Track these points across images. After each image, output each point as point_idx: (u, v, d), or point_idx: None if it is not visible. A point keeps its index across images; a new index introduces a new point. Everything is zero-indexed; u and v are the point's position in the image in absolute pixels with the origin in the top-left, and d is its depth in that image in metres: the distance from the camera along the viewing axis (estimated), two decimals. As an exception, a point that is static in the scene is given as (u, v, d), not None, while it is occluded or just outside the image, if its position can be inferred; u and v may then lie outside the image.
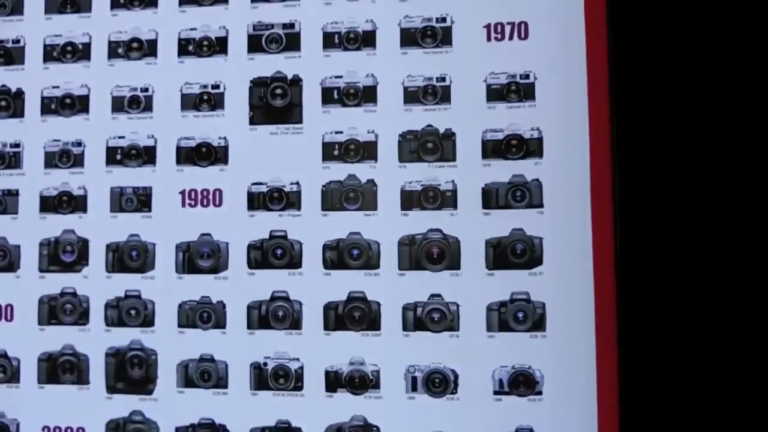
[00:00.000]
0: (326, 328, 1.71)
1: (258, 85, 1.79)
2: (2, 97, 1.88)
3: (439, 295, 1.68)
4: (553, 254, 1.65)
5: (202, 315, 1.75)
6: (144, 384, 1.77)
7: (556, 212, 1.65)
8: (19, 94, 1.88)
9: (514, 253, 1.65)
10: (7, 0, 1.89)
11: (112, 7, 1.88)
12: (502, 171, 1.69)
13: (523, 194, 1.67)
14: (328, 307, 1.71)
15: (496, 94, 1.70)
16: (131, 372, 1.76)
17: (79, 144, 1.84)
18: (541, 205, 1.66)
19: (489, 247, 1.66)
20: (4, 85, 1.89)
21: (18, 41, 1.91)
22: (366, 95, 1.75)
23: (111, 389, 1.78)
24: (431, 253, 1.68)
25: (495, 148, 1.69)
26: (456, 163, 1.70)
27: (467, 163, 1.70)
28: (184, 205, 1.79)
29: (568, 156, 1.66)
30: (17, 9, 1.91)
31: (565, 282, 1.64)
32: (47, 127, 1.86)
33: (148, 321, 1.77)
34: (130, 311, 1.78)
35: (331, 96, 1.76)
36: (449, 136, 1.71)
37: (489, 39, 1.73)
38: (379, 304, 1.69)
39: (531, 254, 1.65)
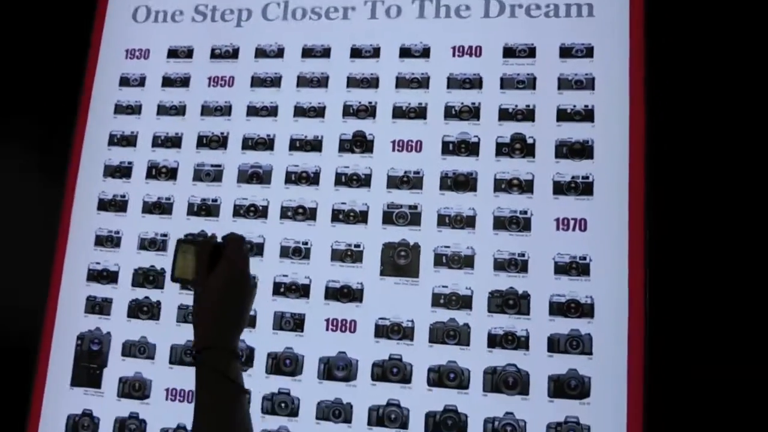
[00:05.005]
0: (426, 430, 2.04)
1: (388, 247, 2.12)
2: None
3: (511, 413, 2.00)
4: (598, 390, 1.97)
5: (335, 412, 2.09)
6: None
7: (602, 359, 1.98)
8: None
9: (569, 387, 1.98)
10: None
11: (285, 182, 2.27)
12: (564, 326, 2.02)
13: (578, 344, 1.99)
14: (428, 415, 2.04)
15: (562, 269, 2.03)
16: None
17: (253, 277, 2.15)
18: (590, 353, 1.99)
19: (551, 381, 1.99)
20: (202, 231, 2.19)
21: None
22: (466, 261, 2.09)
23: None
24: (507, 381, 2.01)
25: (559, 308, 2.02)
26: (530, 317, 2.04)
27: (538, 318, 2.04)
28: (327, 329, 2.12)
29: (613, 319, 1.99)
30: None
31: (606, 411, 1.96)
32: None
33: (294, 412, 2.12)
34: (281, 404, 2.13)
35: (440, 260, 2.09)
36: (525, 296, 2.04)
37: (557, 228, 2.06)
38: (466, 416, 2.02)
39: (581, 389, 1.97)
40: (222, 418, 1.10)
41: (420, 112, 2.21)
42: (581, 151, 2.07)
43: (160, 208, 2.34)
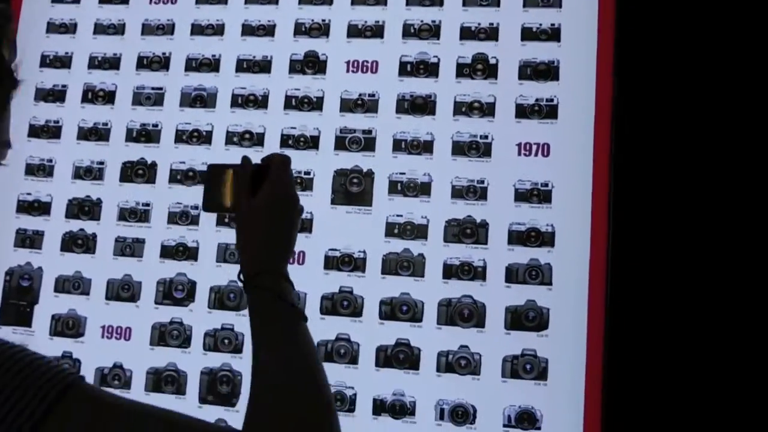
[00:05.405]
0: (377, 365, 1.94)
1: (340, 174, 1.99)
2: (140, 167, 2.12)
3: (466, 347, 1.91)
4: (557, 322, 1.89)
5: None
6: (229, 398, 2.01)
7: (562, 290, 1.90)
8: (153, 166, 2.13)
9: (526, 319, 1.89)
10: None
11: (231, 105, 2.13)
12: (523, 255, 1.92)
13: (537, 274, 1.90)
14: (380, 349, 1.94)
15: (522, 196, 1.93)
16: (220, 388, 2.01)
17: (196, 207, 2.06)
18: (550, 284, 1.90)
19: (508, 313, 1.90)
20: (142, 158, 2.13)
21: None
22: (422, 189, 1.98)
23: (202, 400, 2.02)
24: (463, 314, 1.91)
25: (518, 237, 1.91)
26: (488, 246, 1.93)
27: (496, 247, 1.93)
28: (273, 261, 1.96)
29: (574, 248, 1.90)
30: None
31: (565, 343, 1.88)
32: (173, 193, 2.12)
33: (237, 349, 2.00)
34: (224, 340, 2.01)
35: (395, 188, 1.97)
36: (484, 225, 1.94)
37: (519, 154, 1.95)
38: (419, 350, 1.93)
39: (540, 320, 1.89)
40: (292, 345, 0.96)
41: (377, 31, 2.06)
42: (546, 72, 1.96)
43: (96, 134, 2.17)
